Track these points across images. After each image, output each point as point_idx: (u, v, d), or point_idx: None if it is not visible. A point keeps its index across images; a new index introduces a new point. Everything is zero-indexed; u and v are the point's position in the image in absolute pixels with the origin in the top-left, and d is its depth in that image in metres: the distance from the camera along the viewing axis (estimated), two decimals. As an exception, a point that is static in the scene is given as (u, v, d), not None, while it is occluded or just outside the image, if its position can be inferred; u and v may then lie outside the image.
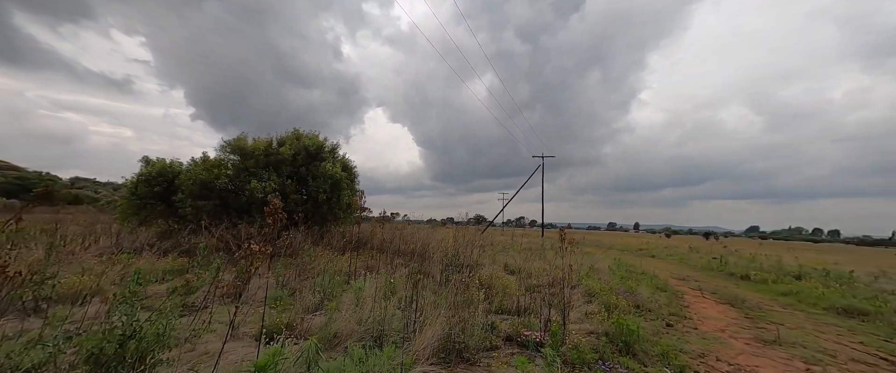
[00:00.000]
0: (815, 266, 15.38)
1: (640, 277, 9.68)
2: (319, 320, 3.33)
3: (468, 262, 7.75)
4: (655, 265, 15.05)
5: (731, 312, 6.48)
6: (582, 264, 9.86)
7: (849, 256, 32.25)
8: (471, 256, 9.51)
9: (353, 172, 10.81)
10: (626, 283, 7.41)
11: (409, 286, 4.73)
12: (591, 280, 7.11)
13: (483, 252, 11.47)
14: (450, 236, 7.20)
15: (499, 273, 7.68)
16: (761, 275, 10.87)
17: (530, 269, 8.34)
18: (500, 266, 8.72)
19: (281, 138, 9.70)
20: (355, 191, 11.09)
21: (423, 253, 8.97)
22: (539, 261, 10.02)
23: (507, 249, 13.92)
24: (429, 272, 6.72)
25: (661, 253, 21.34)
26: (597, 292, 6.00)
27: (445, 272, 6.51)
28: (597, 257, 13.10)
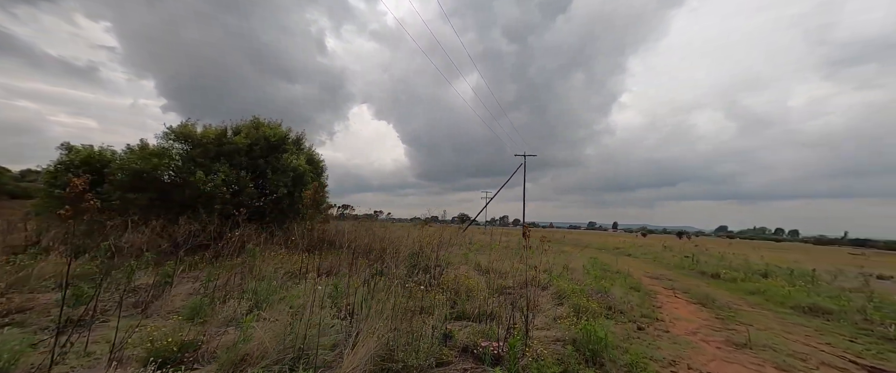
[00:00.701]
0: (779, 264, 15.99)
1: (614, 276, 9.55)
2: (231, 336, 2.76)
3: (436, 262, 7.29)
4: (631, 264, 15.15)
5: (702, 312, 6.34)
6: (556, 264, 9.62)
7: (807, 254, 34.21)
8: (441, 255, 9.07)
9: (321, 165, 10.12)
10: (599, 283, 7.18)
11: (365, 291, 4.21)
12: (564, 281, 6.81)
13: (458, 251, 11.05)
14: (417, 235, 6.72)
15: (470, 273, 7.27)
16: (730, 273, 11.04)
17: (503, 269, 7.98)
18: (473, 266, 8.32)
19: (237, 127, 8.88)
20: (323, 186, 10.41)
21: (394, 253, 8.45)
22: (513, 260, 9.70)
23: (484, 249, 13.58)
24: (393, 274, 6.21)
25: (637, 252, 21.72)
26: (568, 293, 5.68)
27: (411, 274, 6.03)
28: (573, 256, 12.98)
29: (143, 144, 7.16)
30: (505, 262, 9.13)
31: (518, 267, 8.14)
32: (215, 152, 7.72)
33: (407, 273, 6.00)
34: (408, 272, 5.97)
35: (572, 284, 6.26)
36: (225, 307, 3.46)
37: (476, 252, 11.66)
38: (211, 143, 7.69)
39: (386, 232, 16.32)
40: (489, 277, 6.92)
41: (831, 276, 11.89)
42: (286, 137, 9.13)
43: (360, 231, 10.73)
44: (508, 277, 7.15)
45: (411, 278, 5.76)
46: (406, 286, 4.84)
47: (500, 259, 9.04)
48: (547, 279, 6.58)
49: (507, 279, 6.99)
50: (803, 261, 21.63)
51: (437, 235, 16.58)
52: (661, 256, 18.93)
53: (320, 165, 10.01)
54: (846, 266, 18.13)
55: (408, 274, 5.95)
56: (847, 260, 26.67)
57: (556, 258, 10.85)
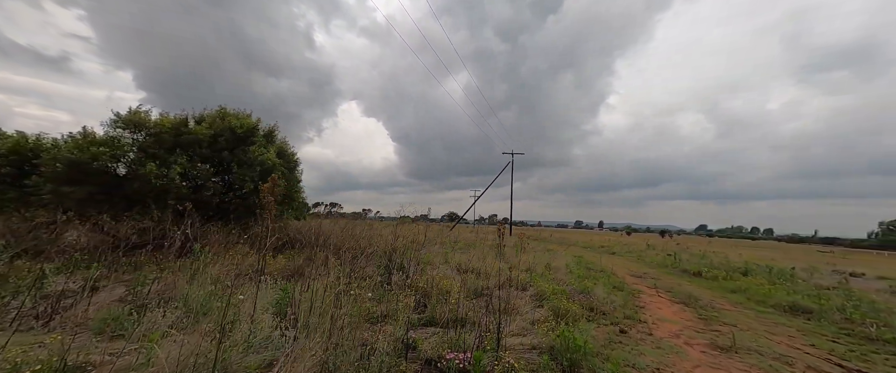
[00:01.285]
0: (757, 262, 16.34)
1: (598, 275, 9.37)
2: (129, 358, 2.25)
3: (411, 261, 6.88)
4: (615, 262, 15.13)
5: (685, 312, 6.16)
6: (539, 263, 9.36)
7: (781, 252, 35.53)
8: (421, 254, 8.65)
9: (294, 159, 9.51)
10: (582, 283, 6.92)
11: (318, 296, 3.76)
12: (545, 281, 6.51)
13: (440, 250, 10.66)
14: (392, 233, 6.29)
15: (449, 274, 6.89)
16: (712, 272, 11.06)
17: (486, 268, 7.64)
18: (453, 265, 7.94)
19: (199, 115, 8.19)
20: (298, 181, 9.80)
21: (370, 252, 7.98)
22: (496, 259, 9.38)
23: (468, 247, 13.25)
24: (367, 275, 5.76)
25: (621, 250, 21.87)
26: (548, 294, 5.37)
27: (386, 275, 5.59)
28: (558, 255, 12.80)
29: (86, 133, 6.43)
30: (486, 261, 8.81)
31: (499, 267, 7.82)
32: (172, 143, 7.05)
33: (382, 274, 5.56)
34: (383, 273, 5.53)
35: (553, 284, 5.96)
36: (148, 318, 2.95)
37: (459, 251, 11.31)
38: (167, 132, 7.02)
39: (370, 231, 15.78)
40: (467, 277, 6.56)
41: (808, 273, 12.12)
42: (255, 129, 8.50)
43: (337, 229, 10.22)
44: (488, 277, 6.81)
45: (384, 280, 5.33)
46: (366, 291, 4.41)
47: (482, 258, 8.70)
48: (527, 280, 6.26)
49: (487, 280, 6.65)
50: (779, 259, 22.28)
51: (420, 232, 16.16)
52: (644, 254, 19.07)
53: (293, 158, 9.40)
54: (819, 264, 18.74)
55: (383, 275, 5.52)
56: (818, 258, 27.75)
57: (540, 257, 10.61)
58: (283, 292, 3.35)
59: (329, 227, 10.82)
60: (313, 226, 10.57)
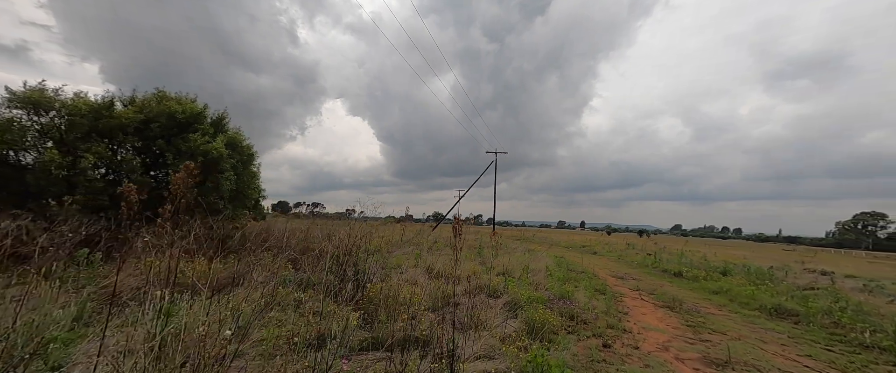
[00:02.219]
0: (733, 261, 16.54)
1: (579, 277, 8.89)
2: None
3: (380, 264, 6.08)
4: (597, 263, 14.84)
5: (671, 318, 5.68)
6: (519, 264, 8.77)
7: (751, 250, 36.97)
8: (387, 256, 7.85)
9: (249, 152, 8.45)
10: (563, 287, 6.34)
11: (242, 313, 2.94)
12: (522, 286, 5.87)
13: (415, 251, 9.89)
14: (346, 234, 5.49)
15: (418, 279, 6.14)
16: (692, 272, 10.85)
17: (459, 272, 6.94)
18: (424, 269, 7.19)
19: (130, 98, 7.07)
20: (254, 176, 8.74)
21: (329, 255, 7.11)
22: (472, 262, 8.72)
23: (447, 248, 12.55)
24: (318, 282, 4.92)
25: (603, 250, 21.81)
26: (524, 302, 4.72)
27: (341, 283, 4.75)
28: (539, 255, 12.31)
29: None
30: (465, 264, 8.12)
31: (478, 269, 7.15)
32: (89, 128, 5.95)
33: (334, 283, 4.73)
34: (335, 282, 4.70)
35: (530, 290, 5.31)
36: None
37: (436, 252, 10.59)
38: (83, 116, 5.91)
39: (335, 230, 14.69)
40: (437, 283, 5.83)
41: (783, 272, 12.17)
42: (200, 115, 7.44)
43: (302, 228, 9.25)
44: (460, 282, 6.11)
45: (334, 290, 4.51)
46: (311, 304, 3.62)
47: (463, 260, 8.01)
48: (502, 285, 5.60)
49: (459, 285, 5.95)
50: (751, 257, 22.87)
51: (397, 232, 15.27)
52: (625, 254, 19.01)
53: (248, 151, 8.34)
54: (789, 262, 19.28)
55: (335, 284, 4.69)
56: (785, 256, 28.91)
57: (520, 258, 10.05)
58: (167, 314, 2.50)
59: (289, 226, 9.84)
60: (274, 226, 9.56)
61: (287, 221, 9.76)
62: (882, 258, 40.25)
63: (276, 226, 9.32)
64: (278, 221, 10.21)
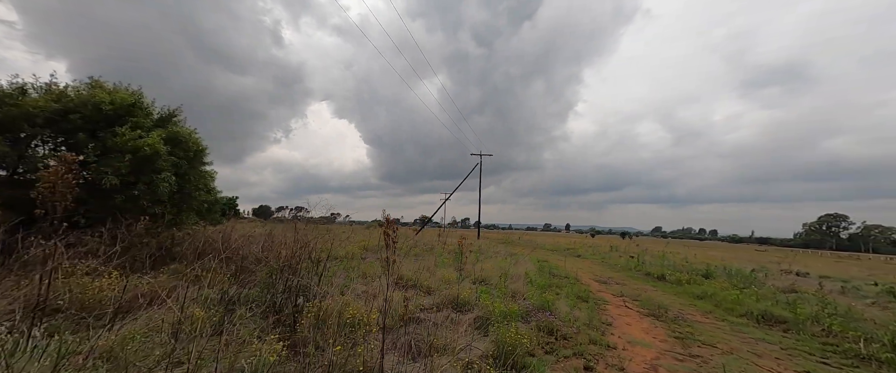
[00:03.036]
0: (713, 262, 16.64)
1: (562, 283, 8.42)
2: None
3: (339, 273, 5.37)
4: (580, 266, 14.53)
5: (657, 329, 5.24)
6: (499, 270, 8.22)
7: (727, 251, 38.09)
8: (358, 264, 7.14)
9: (198, 150, 7.48)
10: (543, 296, 5.81)
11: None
12: (498, 298, 5.28)
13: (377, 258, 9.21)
14: (292, 239, 4.76)
15: (384, 290, 5.47)
16: (675, 275, 10.62)
17: (432, 282, 6.31)
18: (395, 278, 6.52)
19: (45, 85, 6.09)
20: (204, 178, 7.79)
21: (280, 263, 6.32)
22: (449, 268, 8.10)
23: (429, 252, 11.90)
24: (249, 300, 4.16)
25: (586, 252, 21.67)
26: (496, 318, 4.13)
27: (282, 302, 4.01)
28: (522, 259, 11.84)
29: None
30: (439, 271, 7.49)
31: (453, 277, 6.53)
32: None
33: (270, 302, 4.00)
34: (267, 300, 3.97)
35: (503, 303, 4.72)
36: None
37: (413, 258, 9.92)
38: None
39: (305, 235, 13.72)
40: (406, 294, 5.17)
41: (762, 274, 12.17)
42: (134, 107, 6.50)
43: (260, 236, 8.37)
44: (433, 292, 5.48)
45: (269, 310, 3.79)
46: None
47: (432, 268, 7.38)
48: (474, 296, 4.99)
49: (429, 296, 5.31)
50: (729, 258, 23.29)
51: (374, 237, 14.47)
52: (608, 257, 18.87)
53: (196, 149, 7.35)
54: (765, 263, 19.67)
55: (267, 302, 3.96)
56: (759, 257, 29.82)
57: (501, 263, 9.51)
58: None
59: (254, 232, 8.93)
60: (233, 232, 8.64)
61: (256, 227, 8.88)
62: (845, 257, 42.49)
63: (234, 232, 8.41)
64: (240, 227, 9.29)
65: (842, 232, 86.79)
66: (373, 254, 10.33)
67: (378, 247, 12.37)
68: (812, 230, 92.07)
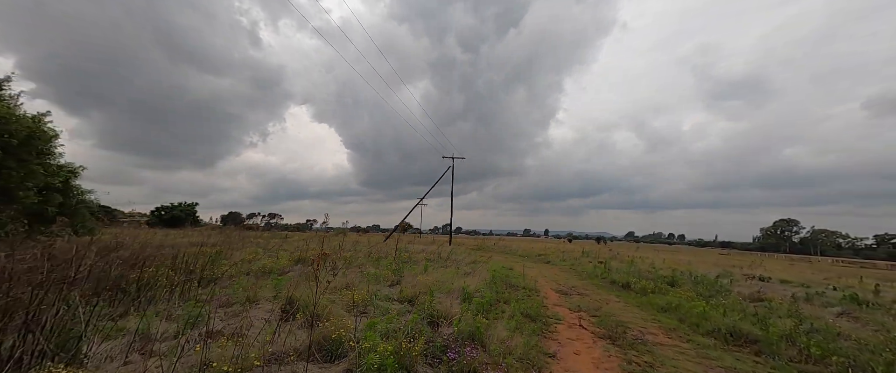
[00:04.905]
0: (678, 268, 16.39)
1: (516, 295, 7.33)
2: None
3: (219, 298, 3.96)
4: (547, 273, 13.67)
5: (611, 358, 4.23)
6: (445, 283, 7.04)
7: (693, 255, 39.25)
8: (243, 283, 5.69)
9: (30, 128, 5.55)
10: (477, 319, 4.65)
11: None
12: (385, 341, 4.03)
13: (308, 272, 7.76)
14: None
15: (253, 319, 4.11)
16: (641, 283, 9.89)
17: (337, 305, 5.00)
18: (284, 300, 5.13)
19: None
20: (32, 171, 5.85)
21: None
22: (378, 284, 6.81)
23: (377, 261, 10.54)
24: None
25: (557, 259, 20.99)
26: (378, 367, 2.89)
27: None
28: (480, 268, 10.73)
29: None
30: (362, 286, 6.19)
31: (360, 299, 5.24)
32: None
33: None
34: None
35: (392, 344, 3.40)
36: None
37: (348, 269, 8.54)
38: None
39: (229, 243, 12.01)
40: (279, 327, 3.84)
41: (727, 280, 11.77)
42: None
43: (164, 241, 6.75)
44: (323, 322, 4.17)
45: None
46: None
47: (355, 284, 6.05)
48: (357, 331, 3.69)
49: (309, 331, 4.00)
50: (695, 262, 23.51)
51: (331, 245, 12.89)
52: (578, 262, 18.20)
53: (25, 129, 5.38)
54: (728, 267, 19.81)
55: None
56: (722, 260, 30.65)
57: (448, 274, 8.32)
58: None
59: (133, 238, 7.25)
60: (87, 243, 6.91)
61: (154, 236, 7.17)
62: (797, 260, 45.06)
63: (96, 243, 6.70)
64: (122, 235, 7.56)
65: (794, 236, 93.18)
66: (305, 266, 8.85)
67: (317, 258, 10.85)
68: (768, 234, 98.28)
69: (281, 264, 8.64)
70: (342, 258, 10.39)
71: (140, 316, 3.26)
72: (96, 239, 7.13)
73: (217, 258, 8.98)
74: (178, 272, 5.54)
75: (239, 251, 10.94)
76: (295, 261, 9.50)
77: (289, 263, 9.00)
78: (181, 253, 6.68)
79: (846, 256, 66.99)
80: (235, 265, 7.79)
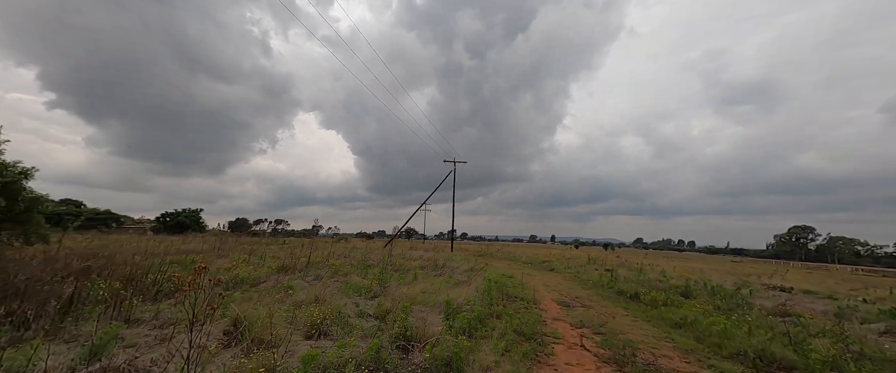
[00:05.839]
0: (691, 275, 15.41)
1: (513, 307, 6.60)
2: None
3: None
4: (550, 282, 12.86)
5: (618, 390, 3.50)
6: (430, 295, 6.36)
7: (704, 263, 37.75)
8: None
9: None
10: (459, 341, 3.97)
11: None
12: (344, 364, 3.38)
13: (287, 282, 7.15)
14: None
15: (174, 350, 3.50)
16: (651, 294, 9.05)
17: (276, 333, 4.36)
18: (232, 321, 4.50)
19: None
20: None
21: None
22: (357, 297, 6.17)
23: (364, 269, 9.92)
24: None
25: (561, 266, 20.07)
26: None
27: None
28: (475, 278, 10.01)
29: None
30: (334, 300, 5.55)
31: (317, 316, 4.60)
32: None
33: None
34: None
35: None
36: None
37: (328, 281, 7.93)
38: None
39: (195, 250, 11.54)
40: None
41: (747, 291, 10.85)
42: None
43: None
44: (274, 348, 3.54)
45: None
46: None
47: (325, 297, 5.41)
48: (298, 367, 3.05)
49: (246, 359, 3.37)
50: (707, 270, 22.38)
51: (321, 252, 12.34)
52: (584, 270, 17.29)
53: None
54: (744, 276, 18.70)
55: None
56: (735, 268, 29.34)
57: (436, 284, 7.63)
58: None
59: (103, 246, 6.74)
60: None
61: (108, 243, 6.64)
62: (815, 268, 43.13)
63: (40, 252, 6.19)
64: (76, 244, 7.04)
65: (809, 243, 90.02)
66: (288, 276, 8.26)
67: (306, 265, 10.28)
68: (783, 242, 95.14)
69: (260, 274, 8.05)
70: (329, 266, 9.79)
71: (32, 345, 2.68)
72: (49, 248, 6.64)
73: (191, 267, 8.47)
74: (128, 285, 4.98)
75: (223, 259, 10.42)
76: (276, 270, 8.91)
77: (269, 273, 8.40)
78: (148, 262, 6.13)
79: (866, 264, 64.29)
80: (209, 275, 7.22)
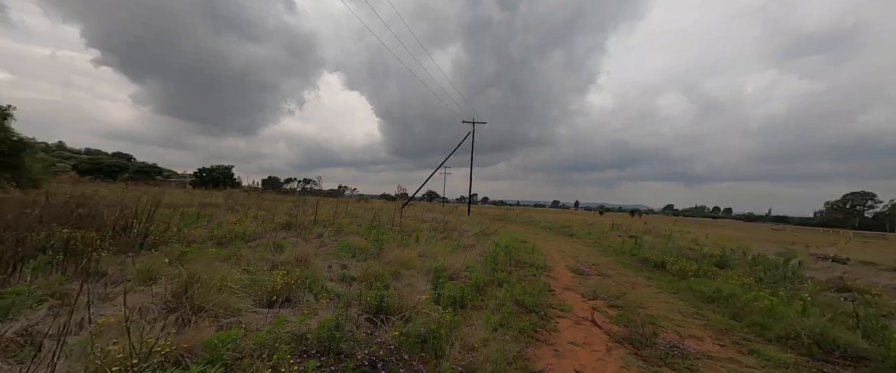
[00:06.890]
0: (727, 243, 14.08)
1: (520, 274, 6.03)
2: None
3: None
4: (566, 248, 12.17)
5: (631, 378, 2.88)
6: (429, 258, 5.89)
7: (741, 230, 35.22)
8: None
9: None
10: (444, 315, 3.44)
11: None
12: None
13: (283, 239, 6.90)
14: None
15: None
16: (679, 263, 8.14)
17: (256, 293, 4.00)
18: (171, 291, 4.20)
19: None
20: None
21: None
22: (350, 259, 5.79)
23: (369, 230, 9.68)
24: None
25: (581, 231, 19.20)
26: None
27: None
28: (484, 242, 9.50)
29: None
30: (320, 260, 5.19)
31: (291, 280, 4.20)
32: None
33: None
34: None
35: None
36: None
37: (327, 240, 7.68)
38: None
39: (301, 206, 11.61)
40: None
41: (796, 262, 9.58)
42: None
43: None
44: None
45: None
46: None
47: (308, 258, 5.04)
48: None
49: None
50: (745, 238, 20.64)
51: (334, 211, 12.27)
52: (605, 236, 16.37)
53: None
54: (787, 245, 16.99)
55: None
56: (774, 236, 27.05)
57: (438, 247, 7.15)
58: None
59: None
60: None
61: (100, 189, 6.59)
62: (870, 237, 38.99)
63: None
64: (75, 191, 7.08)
65: (867, 211, 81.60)
66: (286, 233, 8.13)
67: (313, 223, 10.20)
68: (834, 209, 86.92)
69: (262, 229, 7.96)
70: (333, 225, 9.62)
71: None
72: (42, 193, 6.64)
73: (198, 219, 8.52)
74: (115, 236, 4.84)
75: (233, 214, 10.53)
76: (282, 226, 8.83)
77: (273, 228, 8.31)
78: (147, 211, 6.00)
79: (932, 234, 57.51)
80: (210, 228, 7.16)
